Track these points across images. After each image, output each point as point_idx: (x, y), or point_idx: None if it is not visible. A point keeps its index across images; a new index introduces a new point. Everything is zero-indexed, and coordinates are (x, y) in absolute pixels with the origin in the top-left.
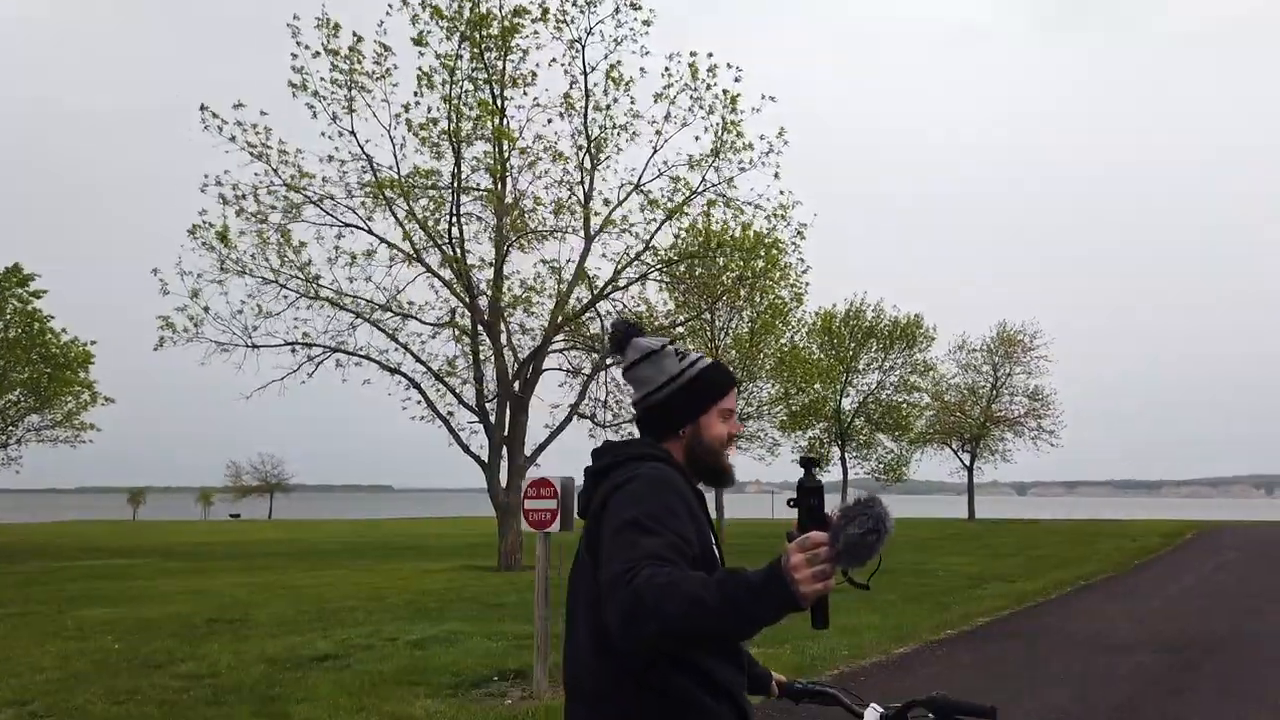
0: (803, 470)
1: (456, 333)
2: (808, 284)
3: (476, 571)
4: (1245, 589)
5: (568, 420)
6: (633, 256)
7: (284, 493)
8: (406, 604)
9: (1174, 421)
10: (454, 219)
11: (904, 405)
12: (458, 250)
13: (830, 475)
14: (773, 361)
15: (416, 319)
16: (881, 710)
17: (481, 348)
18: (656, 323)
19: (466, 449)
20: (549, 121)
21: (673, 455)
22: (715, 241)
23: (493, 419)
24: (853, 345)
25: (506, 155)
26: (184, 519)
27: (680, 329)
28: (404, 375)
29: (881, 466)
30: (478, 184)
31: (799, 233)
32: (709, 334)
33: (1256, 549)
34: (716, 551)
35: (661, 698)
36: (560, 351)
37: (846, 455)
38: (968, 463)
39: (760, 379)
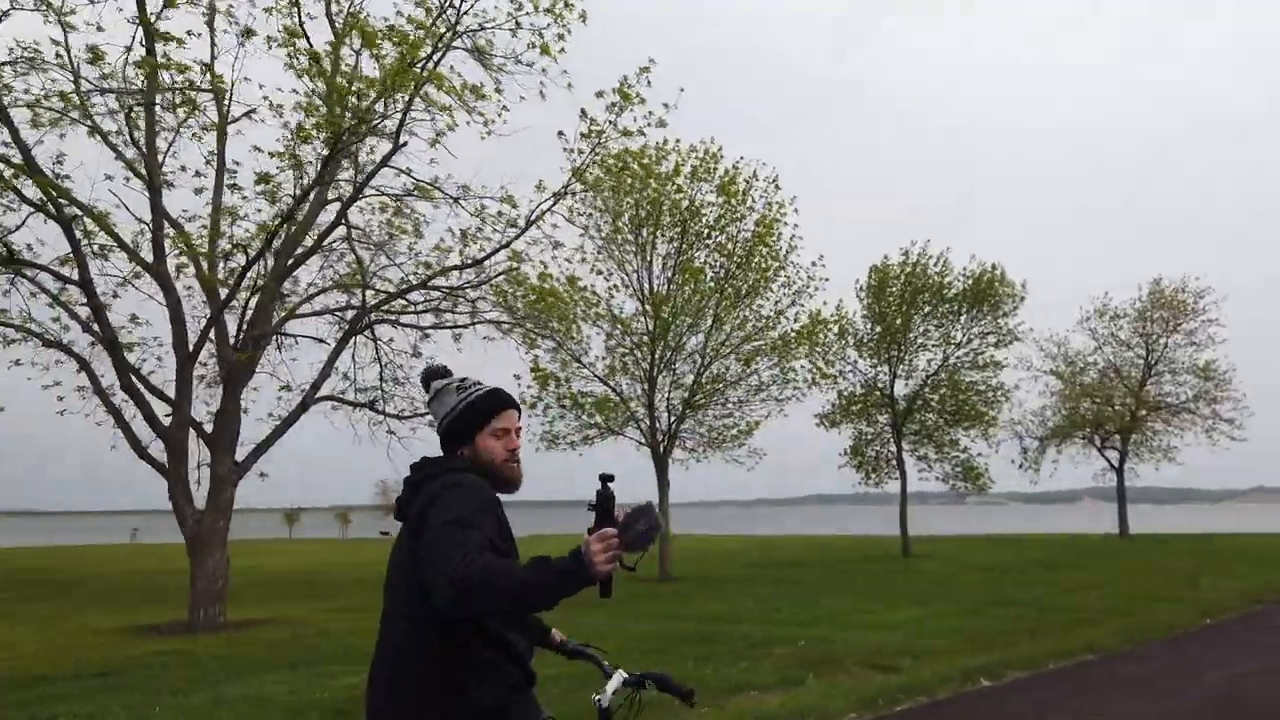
0: (600, 484)
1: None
2: (796, 225)
3: (149, 635)
4: None
5: (301, 410)
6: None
7: None
8: None
9: None
10: None
11: (980, 388)
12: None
13: (891, 486)
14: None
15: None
16: (625, 676)
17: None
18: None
19: (144, 453)
20: None
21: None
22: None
23: (176, 406)
24: (907, 309)
25: None
26: (328, 537)
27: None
28: (67, 351)
29: (957, 471)
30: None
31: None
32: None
33: None
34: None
35: (462, 655)
36: (320, 315)
37: (904, 454)
38: (1115, 463)
39: (734, 354)
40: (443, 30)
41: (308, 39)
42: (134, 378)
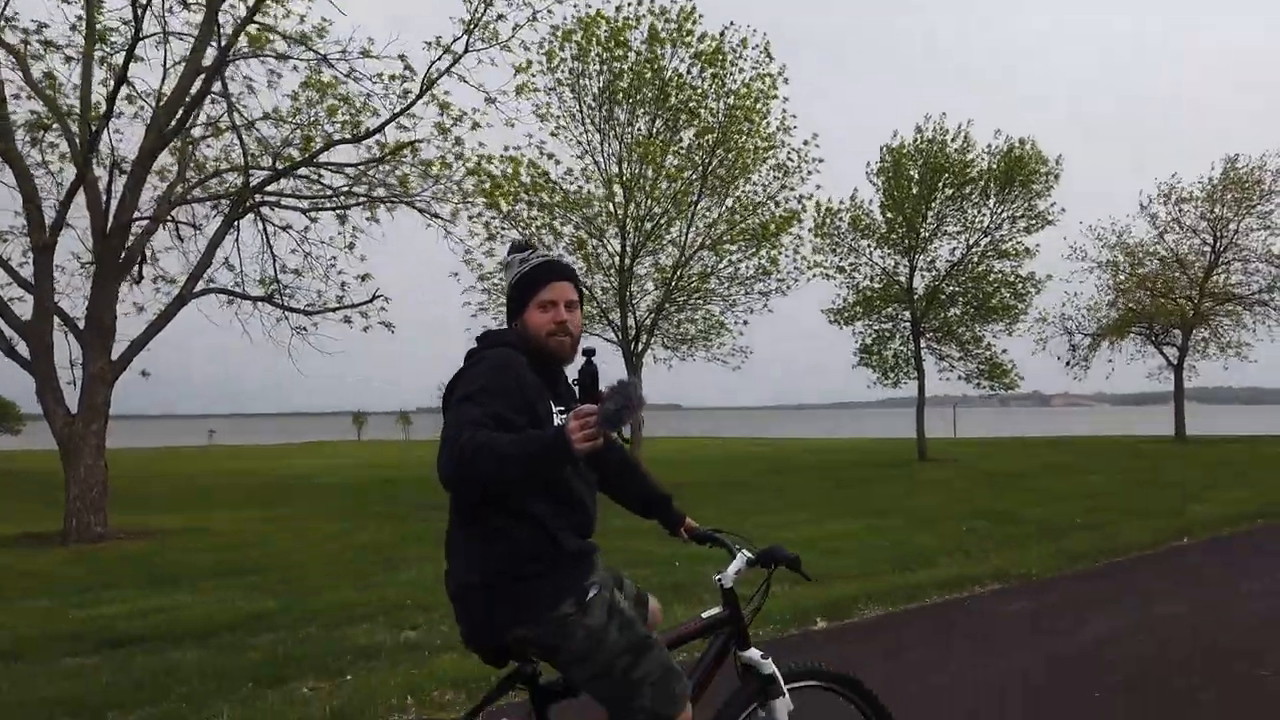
0: (584, 359)
1: None
2: (787, 100)
3: (16, 545)
4: None
5: (179, 304)
6: None
7: None
8: None
9: None
10: None
11: (1010, 279)
12: None
13: (907, 389)
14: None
15: None
16: (749, 556)
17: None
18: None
19: (11, 351)
20: None
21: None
22: None
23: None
24: (927, 192)
25: None
26: (392, 439)
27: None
28: None
29: (983, 370)
30: None
31: None
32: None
33: None
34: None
35: (479, 522)
36: (213, 200)
37: (924, 351)
38: (1174, 360)
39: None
40: None
41: None
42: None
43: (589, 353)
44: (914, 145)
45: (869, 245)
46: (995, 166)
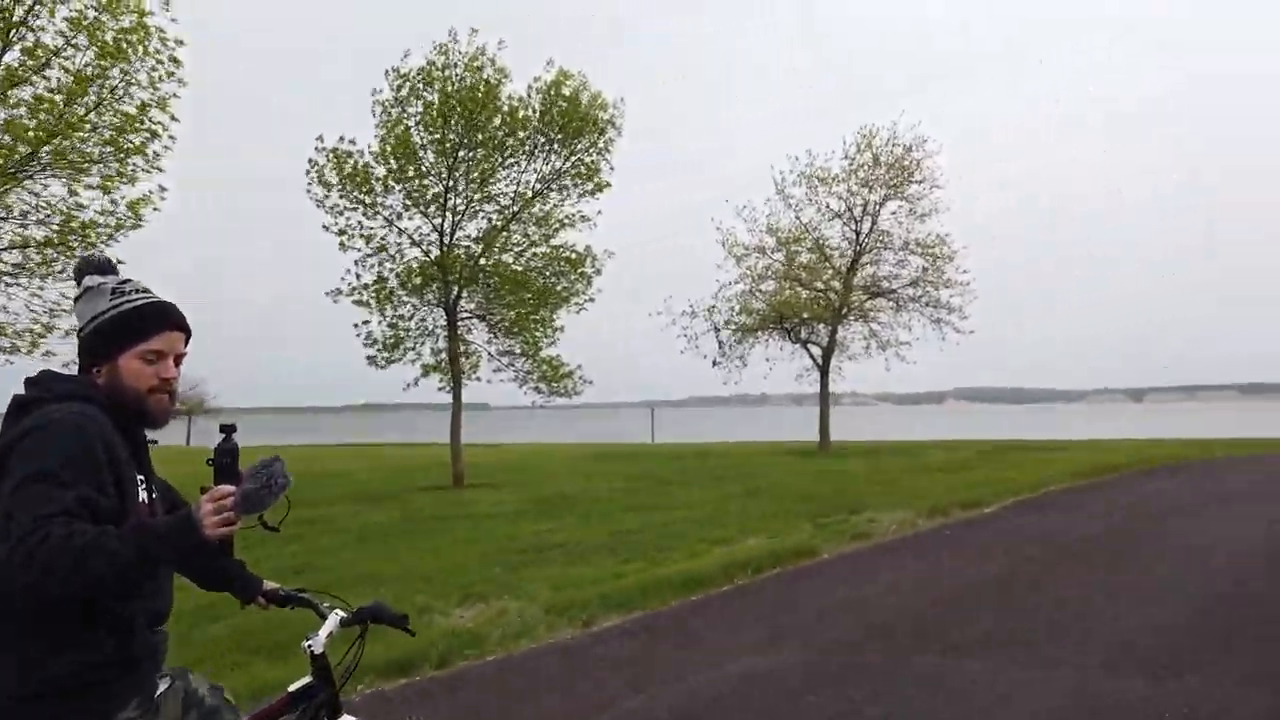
0: (222, 435)
1: None
2: None
3: None
4: None
5: None
6: None
7: (205, 415)
8: None
9: None
10: None
11: (569, 255)
12: None
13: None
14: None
15: None
16: (343, 615)
17: None
18: None
19: None
20: None
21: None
22: None
23: None
24: (461, 138)
25: None
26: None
27: None
28: None
29: (534, 373)
30: None
31: None
32: None
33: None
34: (146, 493)
35: (35, 622)
36: None
37: (480, 347)
38: (820, 361)
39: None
40: None
41: None
42: None
43: (228, 429)
44: (425, 71)
45: (398, 206)
46: (545, 109)
